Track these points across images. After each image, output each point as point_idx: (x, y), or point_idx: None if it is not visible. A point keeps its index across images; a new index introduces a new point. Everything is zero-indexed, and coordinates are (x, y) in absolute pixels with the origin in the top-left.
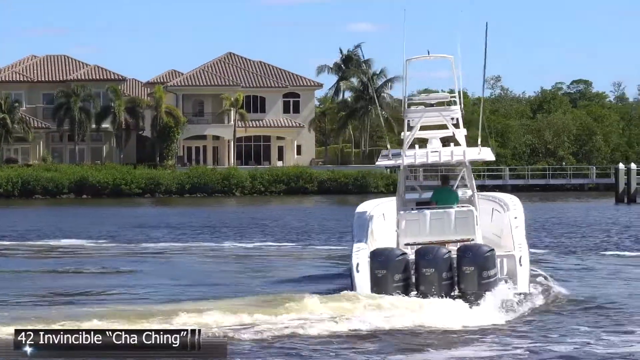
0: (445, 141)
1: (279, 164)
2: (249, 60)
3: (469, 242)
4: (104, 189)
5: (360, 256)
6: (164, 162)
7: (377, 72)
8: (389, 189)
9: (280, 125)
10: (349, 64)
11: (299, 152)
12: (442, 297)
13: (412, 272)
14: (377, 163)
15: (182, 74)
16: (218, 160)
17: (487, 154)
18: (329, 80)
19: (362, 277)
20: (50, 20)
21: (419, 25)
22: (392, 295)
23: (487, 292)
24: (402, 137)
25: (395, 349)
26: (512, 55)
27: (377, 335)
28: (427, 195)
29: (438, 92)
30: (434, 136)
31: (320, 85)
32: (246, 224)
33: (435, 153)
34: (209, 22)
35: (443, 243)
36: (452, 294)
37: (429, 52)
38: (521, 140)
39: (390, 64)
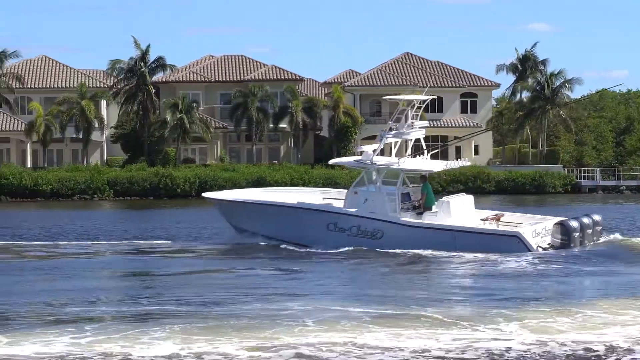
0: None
1: None
2: (427, 60)
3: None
4: None
5: (523, 229)
6: None
7: (556, 73)
8: (567, 189)
9: (457, 125)
10: (526, 64)
11: (476, 152)
12: None
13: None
14: (435, 167)
15: (360, 74)
16: None
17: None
18: (506, 79)
19: (533, 240)
20: (228, 21)
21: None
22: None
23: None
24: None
25: None
26: None
27: None
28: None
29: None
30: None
31: (497, 85)
32: None
33: (454, 162)
34: (385, 22)
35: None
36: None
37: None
38: None
39: (567, 64)
